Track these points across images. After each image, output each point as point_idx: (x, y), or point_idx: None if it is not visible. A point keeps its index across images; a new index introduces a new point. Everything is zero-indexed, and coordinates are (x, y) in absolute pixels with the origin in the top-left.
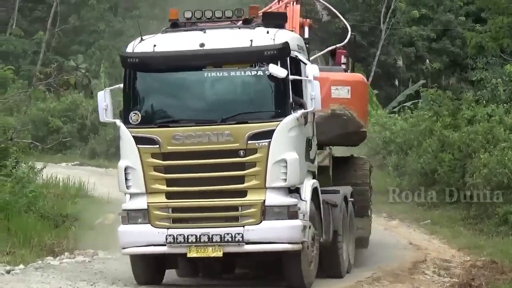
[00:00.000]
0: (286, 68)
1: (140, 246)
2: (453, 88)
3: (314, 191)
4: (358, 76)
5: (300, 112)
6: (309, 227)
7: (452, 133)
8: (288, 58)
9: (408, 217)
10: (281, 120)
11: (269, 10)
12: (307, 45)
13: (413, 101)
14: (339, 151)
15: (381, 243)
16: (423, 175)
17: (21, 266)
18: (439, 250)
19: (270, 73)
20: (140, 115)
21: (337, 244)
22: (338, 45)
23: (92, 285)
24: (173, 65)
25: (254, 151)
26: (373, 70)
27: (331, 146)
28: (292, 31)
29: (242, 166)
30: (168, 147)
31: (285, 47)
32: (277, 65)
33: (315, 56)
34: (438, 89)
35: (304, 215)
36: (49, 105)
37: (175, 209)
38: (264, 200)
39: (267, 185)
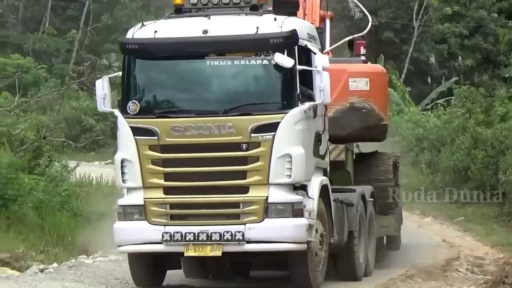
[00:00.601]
0: (293, 57)
1: (136, 244)
2: (486, 85)
3: (324, 188)
4: (377, 67)
5: (307, 104)
6: (317, 226)
7: (485, 130)
8: (296, 47)
9: (441, 215)
10: (287, 113)
11: None
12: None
13: (446, 98)
14: (371, 148)
15: (414, 240)
16: (456, 172)
17: (55, 264)
18: (472, 247)
19: (276, 63)
20: (138, 105)
21: (352, 245)
22: (355, 36)
23: (125, 283)
24: (174, 52)
25: (257, 144)
26: (406, 67)
27: (357, 143)
28: (312, 23)
29: (244, 160)
30: (167, 139)
31: (293, 35)
32: (283, 54)
33: (332, 47)
34: (471, 86)
35: (310, 213)
36: (82, 104)
37: (173, 205)
38: (267, 197)
39: (270, 181)
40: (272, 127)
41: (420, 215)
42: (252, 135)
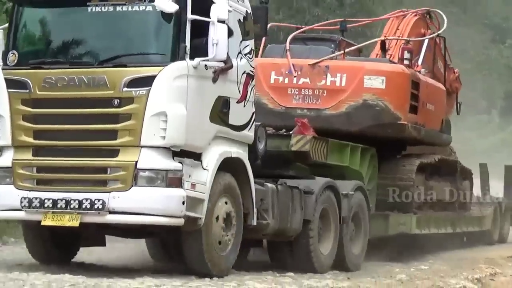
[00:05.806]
0: (181, 3)
1: (2, 210)
2: None
3: (235, 162)
4: (397, 67)
5: (198, 60)
6: (218, 203)
7: None
8: None
9: None
10: (166, 65)
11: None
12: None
13: None
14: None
15: None
16: None
17: None
18: None
19: (157, 8)
20: (17, 56)
21: (308, 235)
22: (387, 37)
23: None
24: None
25: (130, 100)
26: None
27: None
28: (400, 36)
29: (115, 118)
30: (39, 92)
31: None
32: None
33: (357, 46)
34: None
35: (197, 185)
36: None
37: (40, 168)
38: (137, 162)
39: (142, 143)
40: (147, 81)
41: None
42: (125, 89)
